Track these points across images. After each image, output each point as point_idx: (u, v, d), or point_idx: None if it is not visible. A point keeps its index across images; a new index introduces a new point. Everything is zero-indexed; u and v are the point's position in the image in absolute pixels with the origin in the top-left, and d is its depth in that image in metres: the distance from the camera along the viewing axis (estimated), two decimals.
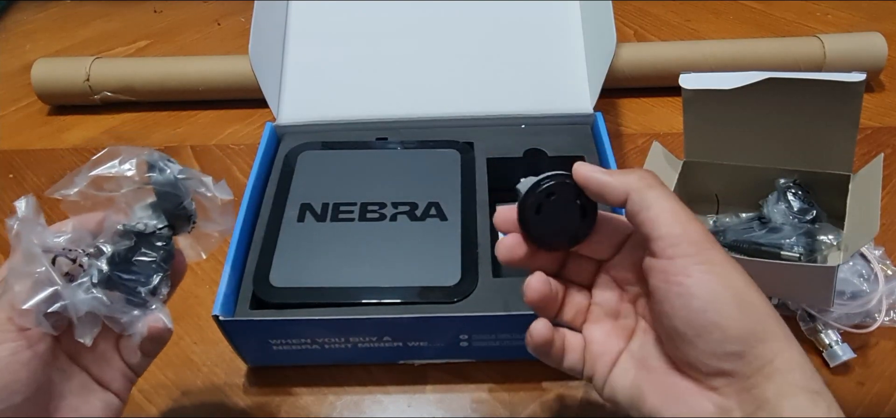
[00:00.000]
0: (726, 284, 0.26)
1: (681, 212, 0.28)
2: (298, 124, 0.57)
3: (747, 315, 0.25)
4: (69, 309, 0.29)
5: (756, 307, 0.26)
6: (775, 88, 0.46)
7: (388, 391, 0.45)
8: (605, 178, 0.30)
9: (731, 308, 0.25)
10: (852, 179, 0.49)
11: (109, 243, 0.31)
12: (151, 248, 0.32)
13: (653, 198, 0.28)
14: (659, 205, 0.28)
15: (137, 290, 0.31)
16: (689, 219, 0.28)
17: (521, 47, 0.61)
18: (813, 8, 0.86)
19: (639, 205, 0.28)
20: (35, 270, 0.28)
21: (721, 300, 0.26)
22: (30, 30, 0.91)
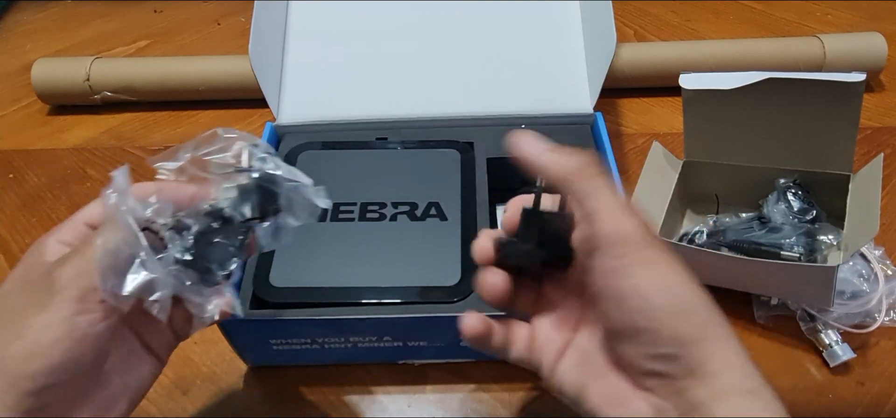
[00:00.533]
0: (662, 285, 0.25)
1: (619, 209, 0.26)
2: (298, 124, 0.57)
3: (682, 318, 0.25)
4: (154, 285, 0.28)
5: (692, 309, 0.25)
6: (775, 88, 0.46)
7: (388, 391, 0.45)
8: (542, 158, 0.28)
9: (665, 310, 0.25)
10: (852, 179, 0.49)
11: (194, 220, 0.31)
12: (233, 234, 0.32)
13: (591, 189, 0.27)
14: (598, 199, 0.27)
15: (214, 272, 0.31)
16: (628, 215, 0.26)
17: (521, 47, 0.61)
18: (813, 8, 0.87)
19: (578, 196, 0.27)
20: (134, 252, 0.28)
21: (655, 303, 0.25)
22: (30, 30, 0.91)
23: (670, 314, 0.25)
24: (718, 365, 0.24)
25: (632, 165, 0.62)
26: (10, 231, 0.59)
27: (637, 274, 0.25)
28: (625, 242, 0.26)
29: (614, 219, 0.26)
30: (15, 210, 0.61)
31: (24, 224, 0.60)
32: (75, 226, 0.31)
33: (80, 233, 0.31)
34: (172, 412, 0.44)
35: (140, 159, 0.66)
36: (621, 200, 0.27)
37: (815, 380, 0.44)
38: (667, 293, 0.25)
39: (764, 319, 0.47)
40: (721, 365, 0.24)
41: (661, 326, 0.25)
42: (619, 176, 0.49)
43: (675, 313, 0.25)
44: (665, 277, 0.25)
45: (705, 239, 0.50)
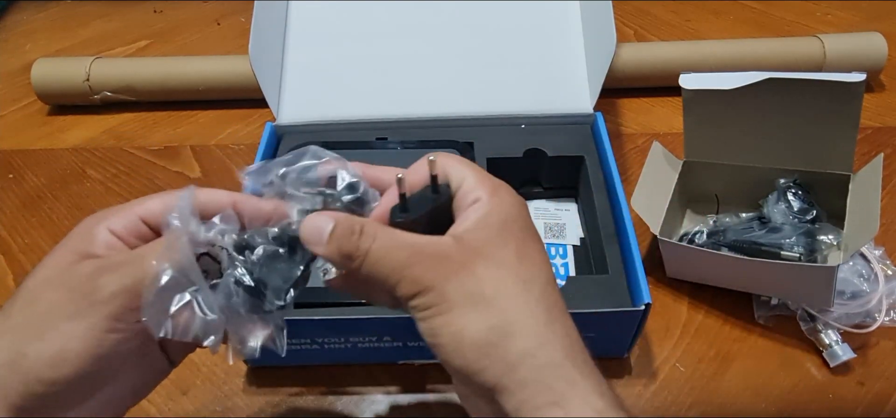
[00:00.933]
0: (443, 324, 0.26)
1: (400, 261, 0.26)
2: (298, 124, 0.57)
3: (467, 350, 0.25)
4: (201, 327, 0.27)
5: (480, 339, 0.25)
6: (775, 88, 0.46)
7: (388, 391, 0.45)
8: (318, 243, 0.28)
9: (450, 348, 0.26)
10: (852, 179, 0.49)
11: (261, 240, 0.29)
12: (294, 260, 0.29)
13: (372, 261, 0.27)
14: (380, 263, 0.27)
15: (268, 300, 0.29)
16: (412, 260, 0.26)
17: (521, 47, 0.61)
18: (813, 8, 0.86)
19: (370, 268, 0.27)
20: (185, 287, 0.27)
21: (440, 342, 0.26)
22: (30, 30, 0.91)
23: (459, 352, 0.26)
24: (517, 382, 0.25)
25: (632, 165, 0.62)
26: (10, 231, 0.59)
27: (430, 321, 0.26)
28: (419, 293, 0.26)
29: (403, 276, 0.26)
30: (15, 210, 0.61)
31: (24, 224, 0.60)
32: (129, 218, 0.29)
33: (133, 227, 0.29)
34: (172, 412, 0.44)
35: (140, 159, 0.66)
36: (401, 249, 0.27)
37: (815, 380, 0.44)
38: (453, 333, 0.26)
39: (764, 319, 0.48)
40: (520, 383, 0.25)
41: (451, 360, 0.26)
42: (619, 176, 0.49)
43: (464, 350, 0.25)
44: (454, 318, 0.26)
45: (705, 239, 0.50)
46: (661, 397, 0.44)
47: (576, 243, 0.52)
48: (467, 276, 0.26)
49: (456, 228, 0.28)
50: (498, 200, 0.28)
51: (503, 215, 0.28)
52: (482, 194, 0.28)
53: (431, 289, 0.26)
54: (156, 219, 0.29)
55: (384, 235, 0.27)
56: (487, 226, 0.27)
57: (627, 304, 0.41)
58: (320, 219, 0.28)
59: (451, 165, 0.29)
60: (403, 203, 0.29)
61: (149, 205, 0.29)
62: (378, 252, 0.26)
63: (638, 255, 0.42)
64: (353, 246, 0.27)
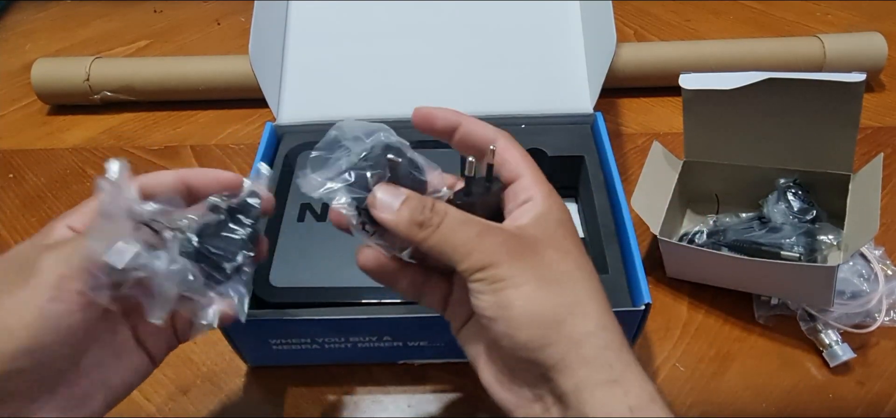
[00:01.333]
0: (513, 299, 0.27)
1: (468, 239, 0.28)
2: (298, 124, 0.57)
3: (533, 325, 0.27)
4: (149, 277, 0.27)
5: (544, 315, 0.27)
6: (775, 88, 0.46)
7: (388, 391, 0.45)
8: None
9: (517, 322, 0.27)
10: (852, 179, 0.49)
11: (197, 216, 0.30)
12: (240, 225, 0.31)
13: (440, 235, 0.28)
14: (448, 240, 0.28)
15: (222, 266, 0.30)
16: (479, 238, 0.28)
17: (521, 47, 0.61)
18: (813, 8, 0.87)
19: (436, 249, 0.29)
20: (114, 234, 0.27)
21: (506, 316, 0.27)
22: (30, 30, 0.91)
23: (520, 322, 0.27)
24: (579, 360, 0.26)
25: (632, 165, 0.62)
26: (10, 231, 0.59)
27: (490, 293, 0.27)
28: (478, 267, 0.27)
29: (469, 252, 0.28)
30: (15, 210, 0.61)
31: (23, 224, 0.60)
32: (85, 213, 0.30)
33: (89, 220, 0.30)
34: (172, 412, 0.44)
35: (140, 159, 0.66)
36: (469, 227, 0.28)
37: (815, 380, 0.44)
38: (518, 304, 0.27)
39: (764, 319, 0.48)
40: (581, 360, 0.26)
41: (514, 333, 0.27)
42: (619, 176, 0.48)
43: (525, 321, 0.27)
44: (517, 290, 0.27)
45: (705, 239, 0.50)
46: None
47: None
48: (537, 256, 0.28)
49: (516, 221, 0.30)
50: (552, 202, 0.30)
51: (558, 216, 0.30)
52: (537, 194, 0.30)
53: (502, 263, 0.27)
54: None
55: (454, 211, 0.29)
56: (547, 222, 0.29)
57: (627, 304, 0.41)
58: (392, 189, 0.29)
59: (511, 157, 0.31)
60: (468, 186, 0.31)
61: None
62: (449, 225, 0.28)
63: (638, 255, 0.42)
64: (425, 217, 0.28)
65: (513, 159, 0.31)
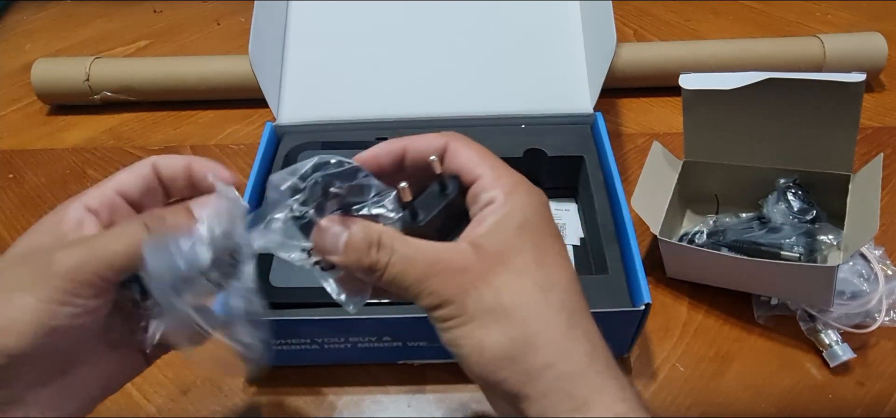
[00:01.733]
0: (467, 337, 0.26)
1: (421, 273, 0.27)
2: (298, 124, 0.57)
3: (489, 363, 0.26)
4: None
5: (494, 350, 0.26)
6: (775, 88, 0.46)
7: (388, 391, 0.45)
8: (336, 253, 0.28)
9: (472, 359, 0.26)
10: (852, 179, 0.49)
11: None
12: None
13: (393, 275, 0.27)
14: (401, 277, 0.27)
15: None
16: (430, 271, 0.26)
17: (521, 47, 0.61)
18: (813, 8, 0.86)
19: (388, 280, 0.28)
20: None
21: (463, 353, 0.26)
22: (30, 30, 0.91)
23: (480, 364, 0.26)
24: (538, 392, 0.25)
25: (632, 165, 0.62)
26: (10, 231, 0.59)
27: (453, 332, 0.26)
28: (441, 305, 0.26)
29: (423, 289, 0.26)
30: (15, 210, 0.61)
31: (23, 224, 0.60)
32: (105, 193, 0.30)
33: (108, 200, 0.30)
34: (172, 412, 0.44)
35: (140, 159, 0.66)
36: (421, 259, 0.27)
37: (815, 380, 0.44)
38: (475, 348, 0.26)
39: (764, 319, 0.48)
40: (541, 392, 0.25)
41: (472, 370, 0.26)
42: (619, 176, 0.49)
43: (486, 362, 0.26)
44: (472, 331, 0.26)
45: (705, 239, 0.50)
46: (661, 397, 0.44)
47: (576, 243, 0.52)
48: (486, 288, 0.26)
49: (473, 231, 0.28)
50: (515, 200, 0.28)
51: (520, 217, 0.27)
52: (498, 194, 0.28)
53: (451, 301, 0.26)
54: (130, 192, 0.30)
55: (402, 247, 0.27)
56: (505, 229, 0.27)
57: (627, 304, 0.41)
58: (333, 229, 0.28)
59: (463, 157, 0.29)
60: (412, 210, 0.28)
61: (124, 178, 0.30)
62: (396, 265, 0.27)
63: (638, 255, 0.42)
64: (372, 259, 0.27)
65: (467, 159, 0.29)
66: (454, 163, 0.29)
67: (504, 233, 0.27)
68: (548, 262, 0.27)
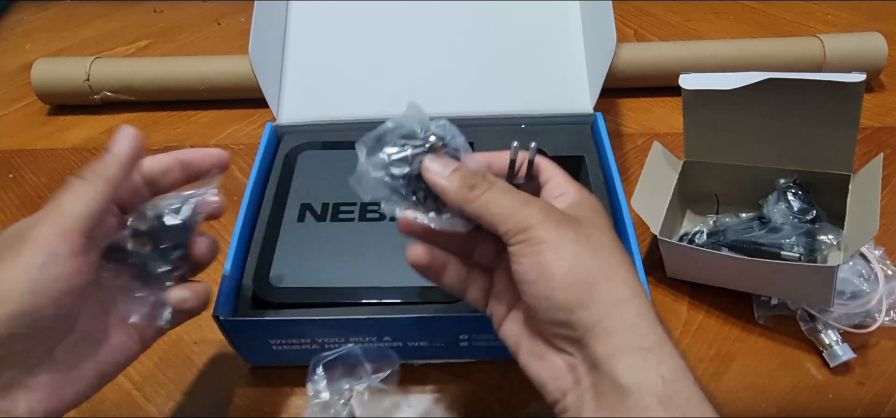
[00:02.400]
0: (552, 260, 0.28)
1: (512, 204, 0.30)
2: (298, 124, 0.57)
3: (570, 286, 0.28)
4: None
5: (581, 277, 0.28)
6: (775, 88, 0.46)
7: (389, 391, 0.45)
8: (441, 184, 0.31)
9: (554, 281, 0.28)
10: (852, 179, 0.49)
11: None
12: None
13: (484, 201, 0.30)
14: (495, 203, 0.30)
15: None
16: (522, 204, 0.30)
17: (521, 47, 0.61)
18: (813, 8, 0.86)
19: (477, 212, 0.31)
20: None
21: (544, 277, 0.28)
22: (30, 30, 0.91)
23: (559, 284, 0.28)
24: (614, 325, 0.27)
25: (632, 165, 0.62)
26: None
27: (532, 255, 0.29)
28: (519, 230, 0.29)
29: (509, 216, 0.29)
30: (15, 210, 0.61)
31: None
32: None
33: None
34: (172, 412, 0.44)
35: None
36: (513, 194, 0.30)
37: (815, 380, 0.44)
38: (557, 267, 0.28)
39: (764, 319, 0.48)
40: (617, 325, 0.27)
41: (553, 294, 0.28)
42: (619, 176, 0.49)
43: (565, 283, 0.28)
44: (556, 253, 0.28)
45: (705, 239, 0.50)
46: None
47: None
48: (574, 225, 0.29)
49: (560, 202, 0.32)
50: (585, 195, 0.32)
51: (591, 204, 0.32)
52: (570, 189, 0.32)
53: (542, 226, 0.29)
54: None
55: (500, 181, 0.31)
56: (581, 208, 0.31)
57: None
58: (443, 159, 0.32)
59: (544, 164, 0.34)
60: (511, 170, 0.34)
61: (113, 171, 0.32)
62: (495, 191, 0.30)
63: (638, 255, 0.42)
64: (474, 180, 0.30)
65: (546, 165, 0.34)
66: (537, 164, 0.34)
67: (581, 209, 0.31)
68: (617, 238, 0.31)
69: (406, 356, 0.45)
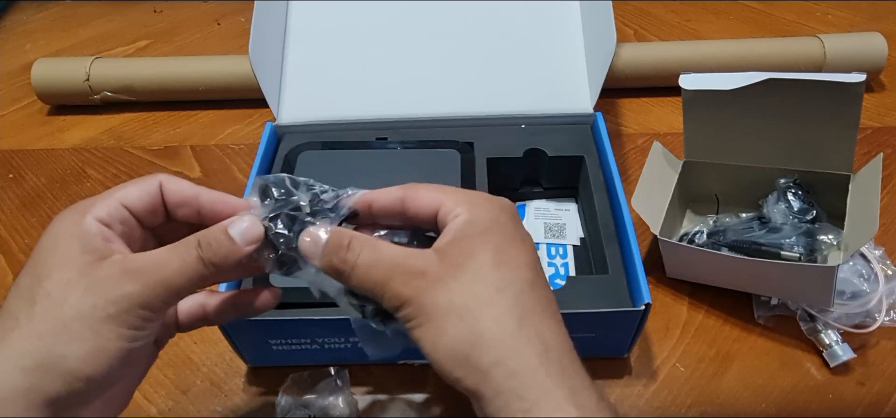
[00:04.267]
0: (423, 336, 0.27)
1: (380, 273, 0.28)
2: (298, 124, 0.57)
3: (441, 360, 0.27)
4: None
5: (448, 350, 0.27)
6: (775, 88, 0.46)
7: (388, 391, 0.45)
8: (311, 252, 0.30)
9: (429, 356, 0.27)
10: (852, 179, 0.49)
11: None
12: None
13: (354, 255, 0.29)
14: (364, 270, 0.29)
15: None
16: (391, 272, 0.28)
17: (521, 47, 0.61)
18: (813, 8, 0.87)
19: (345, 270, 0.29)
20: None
21: (423, 350, 0.27)
22: (30, 30, 0.91)
23: (444, 361, 0.27)
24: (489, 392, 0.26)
25: (632, 165, 0.62)
26: (10, 231, 0.59)
27: (412, 333, 0.28)
28: (400, 307, 0.28)
29: (384, 294, 0.28)
30: (15, 210, 0.61)
31: (23, 224, 0.60)
32: (112, 206, 0.29)
33: (116, 213, 0.29)
34: (172, 412, 0.44)
35: (140, 159, 0.66)
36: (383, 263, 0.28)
37: (815, 380, 0.44)
38: (432, 344, 0.27)
39: (764, 319, 0.48)
40: (491, 393, 0.26)
41: (434, 366, 0.27)
42: (620, 176, 0.49)
43: (439, 359, 0.27)
44: (430, 332, 0.27)
45: (705, 239, 0.50)
46: (661, 397, 0.44)
47: (576, 243, 0.52)
48: (442, 289, 0.27)
49: (439, 242, 0.29)
50: (476, 211, 0.29)
51: (481, 225, 0.29)
52: (460, 209, 0.29)
53: (410, 302, 0.28)
54: (135, 208, 0.30)
55: (368, 251, 0.29)
56: (466, 236, 0.29)
57: (627, 304, 0.41)
58: (317, 232, 0.30)
59: (421, 198, 0.31)
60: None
61: (128, 192, 0.30)
62: (362, 267, 0.28)
63: (638, 255, 0.42)
64: (340, 260, 0.29)
65: (427, 198, 0.31)
66: (414, 206, 0.31)
67: (465, 240, 0.28)
68: (506, 264, 0.28)
69: (406, 356, 0.45)
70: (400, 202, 0.31)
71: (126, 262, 0.28)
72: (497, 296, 0.27)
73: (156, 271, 0.28)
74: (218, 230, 0.29)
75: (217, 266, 0.28)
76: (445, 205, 0.30)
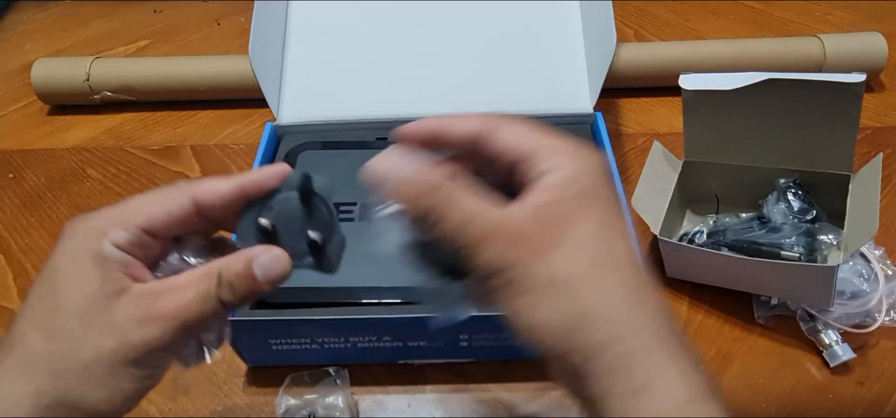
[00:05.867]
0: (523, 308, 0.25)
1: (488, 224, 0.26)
2: (298, 124, 0.57)
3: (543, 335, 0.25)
4: None
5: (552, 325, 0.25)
6: (775, 89, 0.46)
7: (388, 391, 0.45)
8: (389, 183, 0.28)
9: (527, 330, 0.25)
10: (852, 179, 0.49)
11: None
12: None
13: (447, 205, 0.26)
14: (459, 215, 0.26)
15: None
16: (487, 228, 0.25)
17: (521, 47, 0.61)
18: (813, 8, 0.86)
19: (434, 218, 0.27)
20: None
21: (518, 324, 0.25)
22: (30, 30, 0.91)
23: (537, 336, 0.25)
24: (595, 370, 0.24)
25: (632, 165, 0.62)
26: (10, 231, 0.59)
27: (509, 303, 0.25)
28: (500, 272, 0.25)
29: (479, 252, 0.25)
30: (15, 210, 0.61)
31: (23, 224, 0.60)
32: (132, 233, 0.28)
33: (136, 239, 0.28)
34: (172, 412, 0.44)
35: (140, 159, 0.66)
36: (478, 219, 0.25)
37: (815, 380, 0.44)
38: (532, 318, 0.25)
39: (764, 319, 0.47)
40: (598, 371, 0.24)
41: (532, 342, 0.25)
42: (620, 176, 0.49)
43: (541, 335, 0.25)
44: (531, 303, 0.25)
45: (705, 239, 0.50)
46: None
47: None
48: (544, 258, 0.25)
49: (533, 198, 0.26)
50: (577, 166, 0.26)
51: (583, 184, 0.26)
52: (559, 162, 0.26)
53: (509, 269, 0.25)
54: (158, 229, 0.28)
55: (465, 198, 0.26)
56: (566, 197, 0.25)
57: None
58: (397, 159, 0.27)
59: (507, 140, 0.27)
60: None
61: (152, 214, 0.28)
62: (455, 216, 0.25)
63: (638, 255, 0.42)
64: (432, 200, 0.26)
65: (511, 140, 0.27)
66: (494, 148, 0.27)
67: (565, 201, 0.25)
68: (608, 233, 0.26)
69: (406, 356, 0.45)
70: (472, 140, 0.27)
71: (146, 305, 0.27)
72: (603, 268, 0.25)
73: (177, 314, 0.27)
74: (241, 263, 0.28)
75: (236, 303, 0.28)
76: (539, 153, 0.26)
